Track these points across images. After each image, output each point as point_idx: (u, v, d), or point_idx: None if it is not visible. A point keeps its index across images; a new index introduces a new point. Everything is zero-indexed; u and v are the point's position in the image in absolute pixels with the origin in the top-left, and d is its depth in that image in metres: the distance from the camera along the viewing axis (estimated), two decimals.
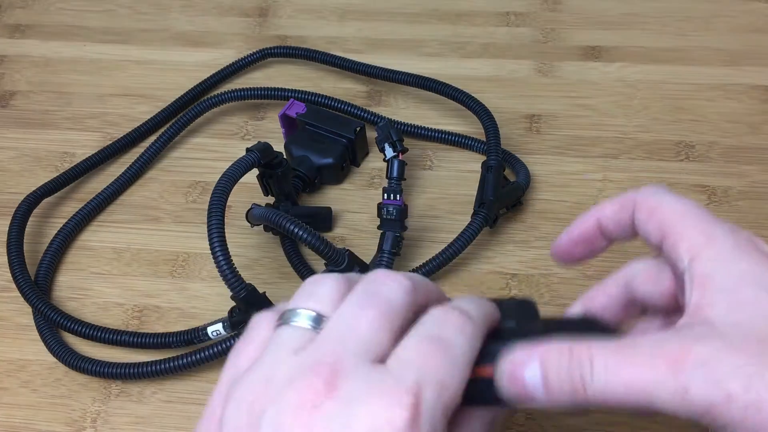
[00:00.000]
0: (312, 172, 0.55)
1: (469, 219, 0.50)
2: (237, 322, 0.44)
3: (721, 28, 0.66)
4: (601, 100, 0.61)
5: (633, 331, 0.33)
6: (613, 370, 0.24)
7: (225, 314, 0.46)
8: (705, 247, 0.27)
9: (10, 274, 0.50)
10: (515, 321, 0.28)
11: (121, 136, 0.60)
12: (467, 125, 0.59)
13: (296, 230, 0.44)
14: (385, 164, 0.53)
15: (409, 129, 0.58)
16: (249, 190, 0.55)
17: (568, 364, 0.24)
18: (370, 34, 0.68)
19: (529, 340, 0.26)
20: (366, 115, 0.59)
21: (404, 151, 0.52)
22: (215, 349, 0.45)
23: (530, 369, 0.25)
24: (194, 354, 0.45)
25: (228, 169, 0.45)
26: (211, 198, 0.43)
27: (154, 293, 0.51)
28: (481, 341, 0.26)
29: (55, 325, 0.49)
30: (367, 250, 0.51)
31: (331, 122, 0.56)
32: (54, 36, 0.70)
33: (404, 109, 0.62)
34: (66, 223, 0.54)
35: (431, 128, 0.58)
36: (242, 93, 0.59)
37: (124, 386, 0.47)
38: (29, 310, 0.50)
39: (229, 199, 0.44)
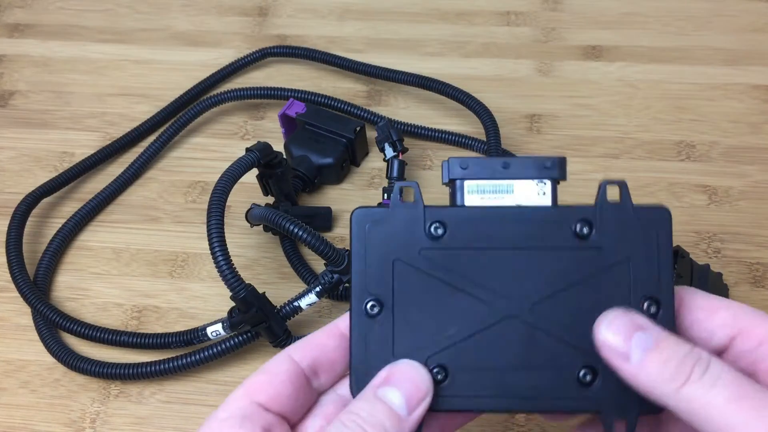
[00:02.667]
0: (312, 171, 0.54)
1: None
2: (237, 323, 0.44)
3: (722, 27, 0.66)
4: (601, 99, 0.61)
5: None
6: (725, 383, 0.23)
7: (225, 315, 0.45)
8: None
9: (9, 275, 0.50)
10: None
11: (121, 135, 0.60)
12: (467, 125, 0.59)
13: (296, 230, 0.44)
14: (385, 164, 0.53)
15: (409, 129, 0.58)
16: (249, 190, 0.54)
17: (688, 352, 0.24)
18: (370, 34, 0.68)
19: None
20: (366, 115, 0.59)
21: (404, 151, 0.52)
22: (215, 350, 0.45)
23: (642, 334, 0.25)
24: (194, 354, 0.45)
25: (228, 168, 0.45)
26: (210, 198, 0.43)
27: (153, 293, 0.51)
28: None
29: (54, 326, 0.48)
30: None
31: (330, 122, 0.56)
32: (53, 35, 0.70)
33: (404, 109, 0.61)
34: (65, 223, 0.54)
35: (431, 128, 0.58)
36: (242, 93, 0.59)
37: (124, 387, 0.47)
38: (28, 310, 0.50)
39: (228, 199, 0.44)
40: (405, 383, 0.26)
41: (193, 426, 0.45)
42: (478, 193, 0.28)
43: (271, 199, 0.54)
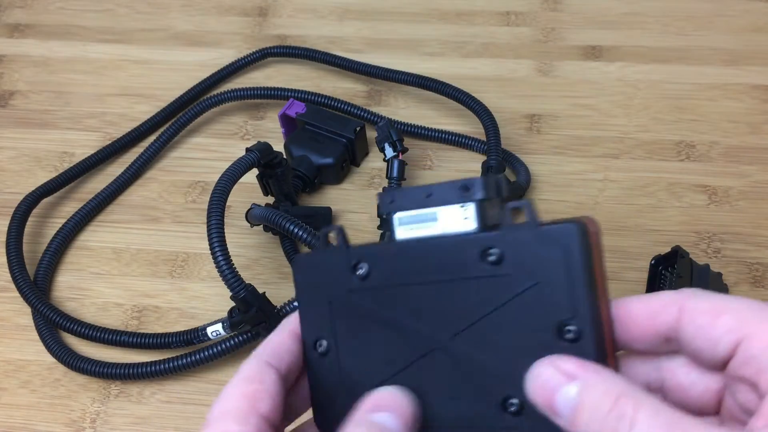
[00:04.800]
0: (312, 171, 0.54)
1: None
2: (237, 323, 0.44)
3: (722, 27, 0.66)
4: (601, 99, 0.61)
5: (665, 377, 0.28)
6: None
7: (225, 314, 0.45)
8: None
9: (9, 275, 0.50)
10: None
11: (121, 135, 0.60)
12: (467, 125, 0.59)
13: (296, 230, 0.44)
14: (385, 164, 0.53)
15: (409, 129, 0.58)
16: (249, 190, 0.54)
17: (608, 411, 0.22)
18: (370, 34, 0.68)
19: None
20: (366, 115, 0.59)
21: (404, 151, 0.52)
22: (215, 350, 0.45)
23: (567, 390, 0.23)
24: (194, 354, 0.45)
25: (228, 168, 0.45)
26: (210, 198, 0.43)
27: (153, 293, 0.51)
28: None
29: (54, 326, 0.48)
30: None
31: (330, 122, 0.56)
32: (53, 35, 0.70)
33: (404, 109, 0.61)
34: (65, 223, 0.54)
35: (431, 128, 0.58)
36: (242, 93, 0.59)
37: (124, 387, 0.47)
38: (28, 310, 0.50)
39: (228, 199, 0.44)
40: (396, 408, 0.26)
41: (193, 426, 0.45)
42: (408, 225, 0.27)
43: (271, 199, 0.54)
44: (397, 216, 0.27)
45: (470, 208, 0.26)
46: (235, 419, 0.25)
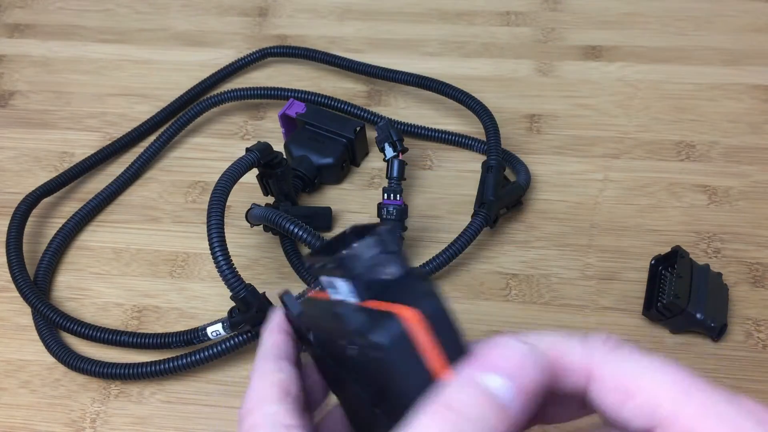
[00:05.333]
0: (312, 171, 0.54)
1: (469, 219, 0.50)
2: (236, 323, 0.44)
3: (722, 27, 0.66)
4: (601, 99, 0.61)
5: None
6: None
7: (225, 314, 0.45)
8: None
9: (9, 275, 0.50)
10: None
11: (121, 135, 0.60)
12: (467, 125, 0.59)
13: (296, 230, 0.44)
14: (385, 164, 0.53)
15: (409, 129, 0.58)
16: (249, 190, 0.55)
17: None
18: (370, 34, 0.68)
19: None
20: (366, 115, 0.59)
21: (404, 151, 0.52)
22: (215, 350, 0.45)
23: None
24: (194, 354, 0.45)
25: (228, 168, 0.45)
26: (210, 198, 0.43)
27: (153, 293, 0.51)
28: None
29: (54, 326, 0.48)
30: None
31: (330, 122, 0.56)
32: (53, 36, 0.70)
33: (404, 109, 0.61)
34: (65, 223, 0.54)
35: (431, 128, 0.58)
36: (242, 93, 0.59)
37: (124, 387, 0.47)
38: (28, 310, 0.50)
39: (228, 199, 0.44)
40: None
41: (193, 426, 0.45)
42: (326, 288, 0.27)
43: (271, 199, 0.54)
44: (320, 279, 0.27)
45: (345, 284, 0.25)
46: (273, 401, 0.26)
